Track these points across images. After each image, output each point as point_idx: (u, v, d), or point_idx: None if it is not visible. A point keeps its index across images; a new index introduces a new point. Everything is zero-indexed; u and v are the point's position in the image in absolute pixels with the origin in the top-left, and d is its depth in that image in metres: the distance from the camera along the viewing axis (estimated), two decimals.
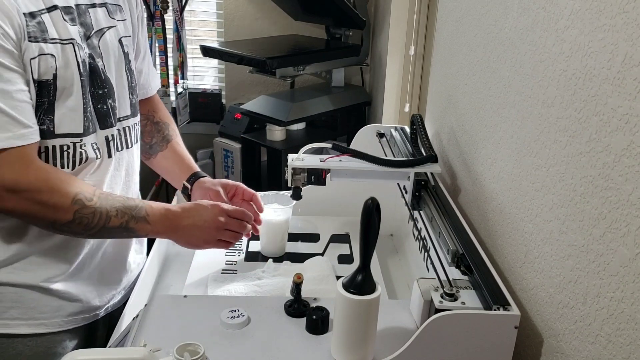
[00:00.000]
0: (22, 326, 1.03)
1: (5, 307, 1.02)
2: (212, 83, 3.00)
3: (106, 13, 1.06)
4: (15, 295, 1.02)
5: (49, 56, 0.93)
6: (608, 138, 0.69)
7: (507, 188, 0.98)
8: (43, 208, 0.93)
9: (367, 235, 0.79)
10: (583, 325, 0.74)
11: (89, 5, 1.02)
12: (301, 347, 0.86)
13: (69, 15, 0.97)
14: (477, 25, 1.15)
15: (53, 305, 1.05)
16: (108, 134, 1.07)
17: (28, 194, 0.92)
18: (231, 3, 2.76)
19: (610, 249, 0.68)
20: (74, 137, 1.00)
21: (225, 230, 1.08)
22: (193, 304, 0.95)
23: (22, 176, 0.91)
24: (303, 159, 1.14)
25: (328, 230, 1.39)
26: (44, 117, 0.96)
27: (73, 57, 0.97)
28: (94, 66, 1.02)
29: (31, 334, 1.04)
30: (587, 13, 0.73)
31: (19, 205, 0.93)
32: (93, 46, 1.02)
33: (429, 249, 1.11)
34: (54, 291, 1.05)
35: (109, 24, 1.06)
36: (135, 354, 0.73)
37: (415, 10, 2.14)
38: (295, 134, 2.48)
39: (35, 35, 0.91)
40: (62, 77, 0.96)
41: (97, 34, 1.03)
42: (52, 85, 0.95)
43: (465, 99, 1.21)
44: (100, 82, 1.03)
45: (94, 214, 0.96)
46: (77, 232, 0.98)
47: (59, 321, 1.07)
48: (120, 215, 0.99)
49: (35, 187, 0.92)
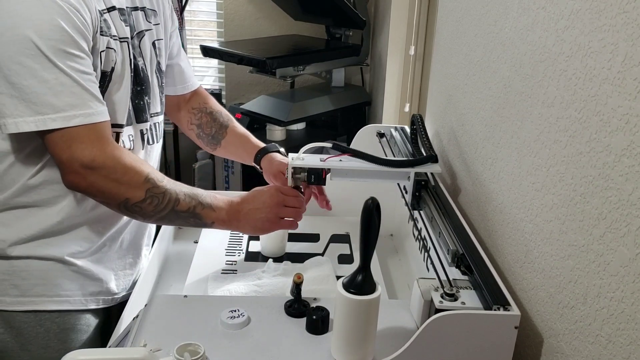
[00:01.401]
0: (48, 302, 1.07)
1: (32, 284, 1.05)
2: (212, 83, 3.00)
3: (144, 16, 1.12)
4: (40, 272, 1.05)
5: (112, 50, 1.00)
6: (608, 138, 0.69)
7: (507, 188, 0.98)
8: (117, 185, 0.96)
9: (367, 235, 0.79)
10: (583, 325, 0.74)
11: (132, 8, 1.09)
12: (301, 347, 0.86)
13: (122, 16, 1.04)
14: (477, 25, 1.15)
15: (76, 282, 1.09)
16: (143, 127, 1.14)
17: (104, 171, 0.95)
18: (231, 3, 2.76)
19: (611, 249, 0.68)
20: (116, 127, 1.06)
21: (284, 207, 1.10)
22: (193, 304, 0.95)
23: (99, 153, 0.94)
24: (303, 159, 1.14)
25: (328, 230, 1.39)
26: None
27: (127, 54, 1.05)
28: (135, 64, 1.08)
29: (57, 310, 1.08)
30: (587, 13, 0.73)
31: (95, 183, 0.95)
32: (135, 46, 1.09)
33: (429, 249, 1.11)
34: (77, 267, 1.08)
35: (146, 27, 1.13)
36: (135, 354, 0.73)
37: (415, 10, 2.14)
38: (295, 134, 2.48)
39: (104, 30, 0.98)
40: (117, 71, 1.02)
41: (138, 35, 1.10)
42: (108, 78, 1.02)
43: (465, 99, 1.21)
44: (140, 80, 1.11)
45: (164, 194, 0.99)
46: (147, 212, 1.00)
47: (82, 299, 1.10)
48: (188, 200, 1.02)
49: (111, 164, 0.95)
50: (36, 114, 0.90)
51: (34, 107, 0.90)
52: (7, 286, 1.04)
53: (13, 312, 1.05)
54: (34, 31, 0.88)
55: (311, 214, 1.41)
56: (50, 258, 1.05)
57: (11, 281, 1.04)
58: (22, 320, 1.05)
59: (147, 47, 1.13)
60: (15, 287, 1.05)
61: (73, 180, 0.95)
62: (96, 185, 0.96)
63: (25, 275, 1.04)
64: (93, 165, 0.94)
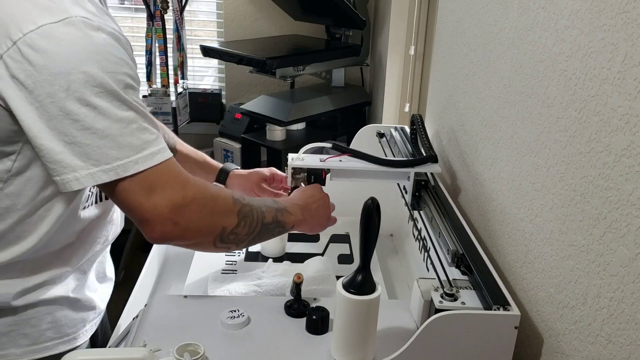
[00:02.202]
0: (59, 345, 1.03)
1: (42, 329, 1.00)
2: (212, 83, 3.00)
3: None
4: (49, 316, 1.00)
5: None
6: (608, 138, 0.69)
7: (507, 188, 0.98)
8: (211, 216, 0.88)
9: (367, 235, 0.79)
10: (583, 325, 0.74)
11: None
12: (301, 347, 0.86)
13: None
14: (477, 25, 1.15)
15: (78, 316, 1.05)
16: None
17: (195, 206, 0.85)
18: (231, 3, 2.76)
19: (611, 249, 0.68)
20: None
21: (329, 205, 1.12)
22: (193, 304, 0.95)
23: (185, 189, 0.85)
24: (303, 159, 1.14)
25: (328, 230, 1.39)
26: None
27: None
28: None
29: (66, 350, 1.03)
30: (587, 13, 0.73)
31: (190, 224, 0.85)
32: None
33: (429, 249, 1.11)
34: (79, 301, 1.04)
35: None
36: (135, 354, 0.73)
37: (415, 10, 2.14)
38: (295, 134, 2.48)
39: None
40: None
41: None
42: None
43: (465, 99, 1.21)
44: None
45: (252, 211, 0.93)
46: (242, 236, 0.92)
47: (83, 330, 1.07)
48: (269, 210, 0.97)
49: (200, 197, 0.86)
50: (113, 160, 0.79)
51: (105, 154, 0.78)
52: (15, 337, 0.98)
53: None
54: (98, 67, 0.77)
55: None
56: (56, 301, 1.00)
57: (20, 331, 0.98)
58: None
59: None
60: (25, 337, 0.99)
61: (164, 230, 0.83)
62: (192, 226, 0.85)
63: (35, 322, 0.99)
64: (184, 203, 0.83)
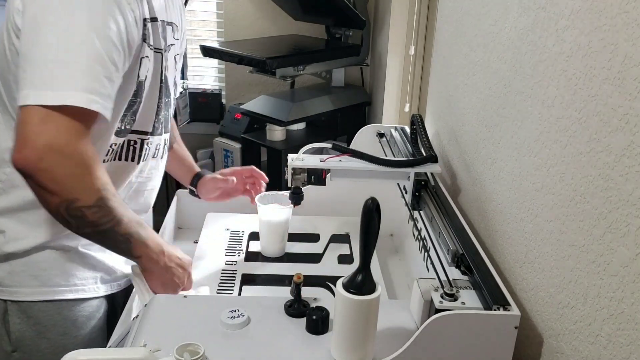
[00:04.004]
0: (66, 292, 1.09)
1: (51, 274, 1.07)
2: (212, 83, 2.99)
3: (172, 32, 1.14)
4: (57, 263, 1.07)
5: (147, 59, 1.01)
6: (608, 138, 0.69)
7: (507, 188, 0.98)
8: (73, 180, 0.89)
9: (367, 235, 0.79)
10: (583, 325, 0.74)
11: (167, 23, 1.10)
12: (301, 347, 0.86)
13: (160, 28, 1.05)
14: (477, 25, 1.14)
15: (90, 271, 1.11)
16: (165, 138, 1.18)
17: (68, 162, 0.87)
18: (231, 3, 2.76)
19: (611, 249, 0.68)
20: (141, 134, 1.09)
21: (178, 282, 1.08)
22: (193, 304, 0.95)
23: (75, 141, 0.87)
24: (303, 159, 1.14)
25: (328, 230, 1.39)
26: (130, 117, 1.04)
27: (159, 66, 1.06)
28: (166, 76, 1.11)
29: (74, 299, 1.10)
30: (587, 13, 0.73)
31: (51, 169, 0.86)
32: (166, 58, 1.11)
33: (429, 249, 1.11)
34: (91, 257, 1.11)
35: (172, 42, 1.14)
36: (135, 354, 0.73)
37: (415, 10, 2.14)
38: (295, 134, 2.48)
39: (145, 38, 0.99)
40: (150, 80, 1.04)
41: (167, 49, 1.11)
42: (143, 86, 1.03)
43: (465, 99, 1.21)
44: (167, 92, 1.13)
45: (112, 210, 0.93)
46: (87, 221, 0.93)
47: (94, 287, 1.13)
48: (129, 225, 0.97)
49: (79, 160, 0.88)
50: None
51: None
52: (25, 277, 1.06)
53: (32, 302, 1.07)
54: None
55: (311, 214, 1.41)
56: (66, 249, 1.07)
57: (30, 272, 1.06)
58: (40, 309, 1.07)
59: (171, 60, 1.15)
60: (35, 278, 1.06)
61: (27, 157, 0.84)
62: (53, 172, 0.86)
63: (45, 266, 1.06)
64: (62, 151, 0.85)
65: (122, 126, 1.04)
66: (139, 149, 1.10)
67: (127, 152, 1.09)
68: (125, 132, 1.06)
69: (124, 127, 1.05)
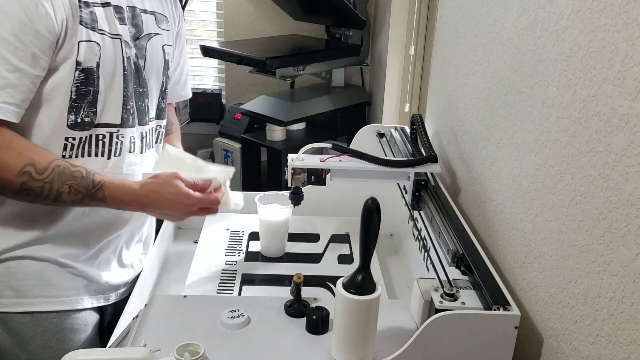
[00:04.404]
0: (44, 303, 1.07)
1: (28, 285, 1.05)
2: (212, 83, 3.00)
3: (154, 21, 1.13)
4: (35, 273, 1.05)
5: (95, 44, 0.98)
6: (608, 138, 0.69)
7: (507, 188, 0.98)
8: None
9: (367, 235, 0.79)
10: (583, 325, 0.74)
11: (142, 10, 1.09)
12: (301, 347, 0.86)
13: (118, 14, 1.03)
14: (477, 25, 1.14)
15: (71, 282, 1.09)
16: (143, 130, 1.13)
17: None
18: (231, 3, 2.76)
19: (611, 249, 0.68)
20: (111, 128, 1.05)
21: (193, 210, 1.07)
22: (193, 304, 0.95)
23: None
24: (303, 159, 1.14)
25: (328, 230, 1.39)
26: (88, 109, 1.01)
27: (119, 52, 1.03)
28: (137, 65, 1.08)
29: (54, 310, 1.08)
30: (587, 13, 0.73)
31: None
32: (140, 47, 1.09)
33: (429, 249, 1.11)
34: (73, 268, 1.08)
35: (156, 31, 1.13)
36: (135, 354, 0.73)
37: (415, 10, 2.14)
38: (295, 134, 2.48)
39: (86, 21, 0.97)
40: (104, 67, 1.00)
41: (145, 37, 1.10)
42: (96, 74, 1.00)
43: (465, 99, 1.21)
44: (142, 82, 1.10)
45: (43, 188, 0.95)
46: (27, 200, 0.97)
47: (78, 298, 1.11)
48: (73, 193, 0.97)
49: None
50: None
51: None
52: (3, 288, 1.05)
53: (10, 313, 1.05)
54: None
55: (311, 214, 1.41)
56: (45, 259, 1.05)
57: (7, 282, 1.05)
58: (19, 321, 1.06)
59: (155, 50, 1.13)
60: (12, 289, 1.05)
61: None
62: None
63: (22, 277, 1.04)
64: None
65: (77, 119, 1.00)
66: (107, 143, 1.06)
67: (95, 147, 1.04)
68: (86, 125, 1.02)
69: (81, 120, 1.01)
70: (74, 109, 0.99)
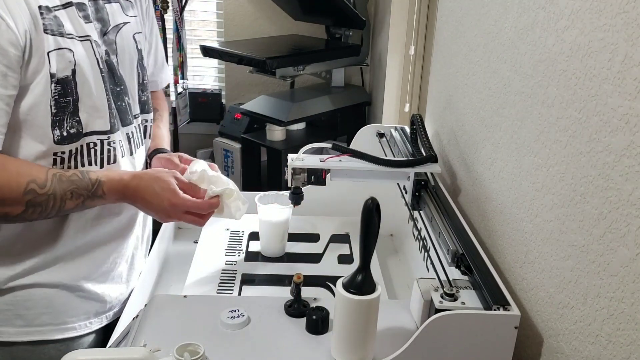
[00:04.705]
0: (54, 332, 1.03)
1: (37, 313, 1.01)
2: (212, 83, 3.00)
3: (120, 9, 1.05)
4: (45, 301, 1.01)
5: (67, 50, 0.92)
6: (608, 138, 0.69)
7: (507, 188, 0.98)
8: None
9: (367, 235, 0.79)
10: (583, 326, 0.74)
11: (105, 1, 1.02)
12: (301, 347, 0.86)
13: (82, 12, 0.96)
14: (477, 25, 1.14)
15: (81, 307, 1.05)
16: (128, 131, 1.08)
17: None
18: (231, 3, 2.76)
19: (611, 249, 0.68)
20: (101, 135, 1.00)
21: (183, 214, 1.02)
22: (193, 304, 0.95)
23: None
24: (303, 159, 1.14)
25: (328, 230, 1.39)
26: (71, 120, 0.95)
27: (92, 54, 0.96)
28: (110, 63, 1.02)
29: (62, 338, 1.04)
30: (587, 13, 0.73)
31: None
32: (110, 42, 1.02)
33: (429, 249, 1.11)
34: (82, 291, 1.05)
35: (123, 20, 1.05)
36: (135, 354, 0.73)
37: (415, 10, 2.14)
38: (295, 134, 2.48)
39: (52, 28, 0.90)
40: (81, 73, 0.95)
41: (114, 29, 1.02)
42: (73, 82, 0.94)
43: (465, 99, 1.21)
44: (117, 80, 1.04)
45: (48, 200, 0.92)
46: (31, 219, 0.94)
47: (87, 323, 1.07)
48: (75, 197, 0.94)
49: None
50: None
51: None
52: (10, 316, 1.01)
53: (16, 342, 1.02)
54: None
55: (311, 214, 1.41)
56: (53, 285, 1.01)
57: (15, 311, 1.01)
58: (26, 349, 1.02)
59: (126, 41, 1.05)
60: (20, 317, 1.01)
61: None
62: None
63: (30, 305, 1.01)
64: None
65: (63, 132, 0.95)
66: (99, 151, 1.01)
67: (88, 157, 1.00)
68: (74, 137, 0.97)
69: (67, 133, 0.95)
70: (57, 123, 0.94)
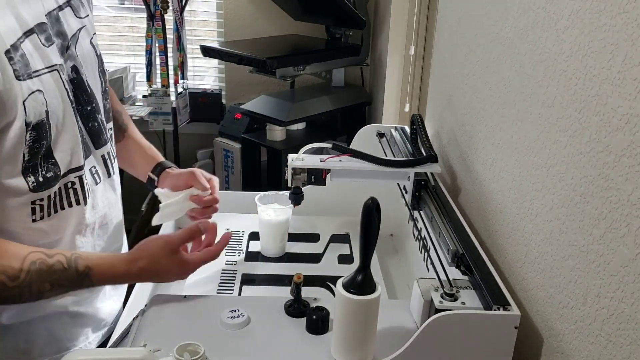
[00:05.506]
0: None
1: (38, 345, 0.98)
2: (212, 83, 3.00)
3: (72, 13, 0.93)
4: (46, 332, 0.97)
5: (37, 92, 0.82)
6: (608, 138, 0.69)
7: (507, 188, 0.98)
8: None
9: (367, 235, 0.79)
10: (583, 325, 0.74)
11: (57, 9, 0.89)
12: (301, 347, 0.86)
13: (43, 34, 0.85)
14: (477, 25, 1.15)
15: (81, 329, 1.03)
16: (104, 152, 1.00)
17: None
18: (231, 3, 2.76)
19: (611, 249, 0.68)
20: (77, 171, 0.92)
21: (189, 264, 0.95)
22: (193, 304, 0.95)
23: None
24: (303, 159, 1.14)
25: (328, 230, 1.39)
26: (45, 163, 0.86)
27: (60, 85, 0.87)
28: (78, 81, 0.91)
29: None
30: (587, 13, 0.73)
31: None
32: (73, 57, 0.91)
33: (429, 249, 1.11)
34: (83, 316, 1.02)
35: (78, 26, 0.94)
36: (135, 354, 0.73)
37: (415, 10, 2.14)
38: (295, 134, 2.48)
39: (21, 73, 0.80)
40: (53, 112, 0.85)
41: (72, 40, 0.92)
42: (47, 124, 0.84)
43: (465, 99, 1.21)
44: (87, 98, 0.94)
45: (21, 293, 0.83)
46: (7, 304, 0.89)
47: (86, 344, 1.04)
48: (57, 287, 0.86)
49: None
50: None
51: None
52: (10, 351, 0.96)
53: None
54: None
55: (311, 214, 1.41)
56: (55, 312, 0.97)
57: (16, 346, 0.96)
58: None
59: (86, 49, 0.95)
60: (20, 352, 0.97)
61: None
62: None
63: (32, 338, 0.96)
64: None
65: (39, 178, 0.86)
66: (80, 189, 0.93)
67: (67, 199, 0.91)
68: (51, 181, 0.88)
69: (43, 179, 0.86)
70: (29, 170, 0.84)
